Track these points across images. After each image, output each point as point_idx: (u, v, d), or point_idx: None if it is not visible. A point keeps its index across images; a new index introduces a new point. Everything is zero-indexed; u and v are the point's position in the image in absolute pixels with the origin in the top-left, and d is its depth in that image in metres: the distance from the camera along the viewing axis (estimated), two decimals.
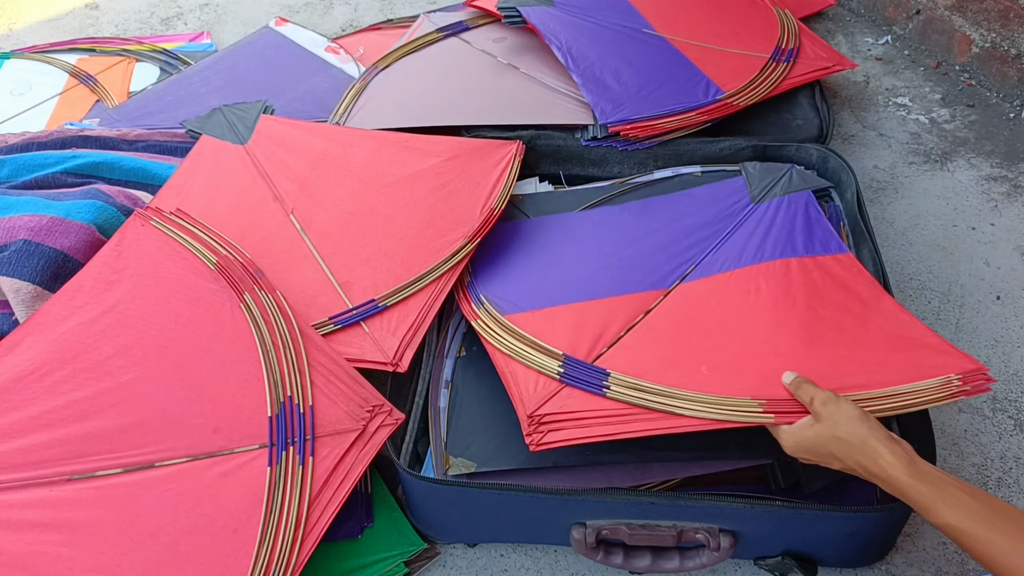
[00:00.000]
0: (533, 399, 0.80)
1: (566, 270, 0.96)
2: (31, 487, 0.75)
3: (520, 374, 0.82)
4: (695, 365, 0.81)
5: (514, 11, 1.27)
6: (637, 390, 0.78)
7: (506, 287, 0.94)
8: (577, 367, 0.81)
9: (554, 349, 0.84)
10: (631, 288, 0.91)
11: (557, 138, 1.14)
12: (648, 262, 0.95)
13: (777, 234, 0.95)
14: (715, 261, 0.94)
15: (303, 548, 0.72)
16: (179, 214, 0.97)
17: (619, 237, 1.00)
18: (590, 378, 0.80)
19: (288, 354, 0.83)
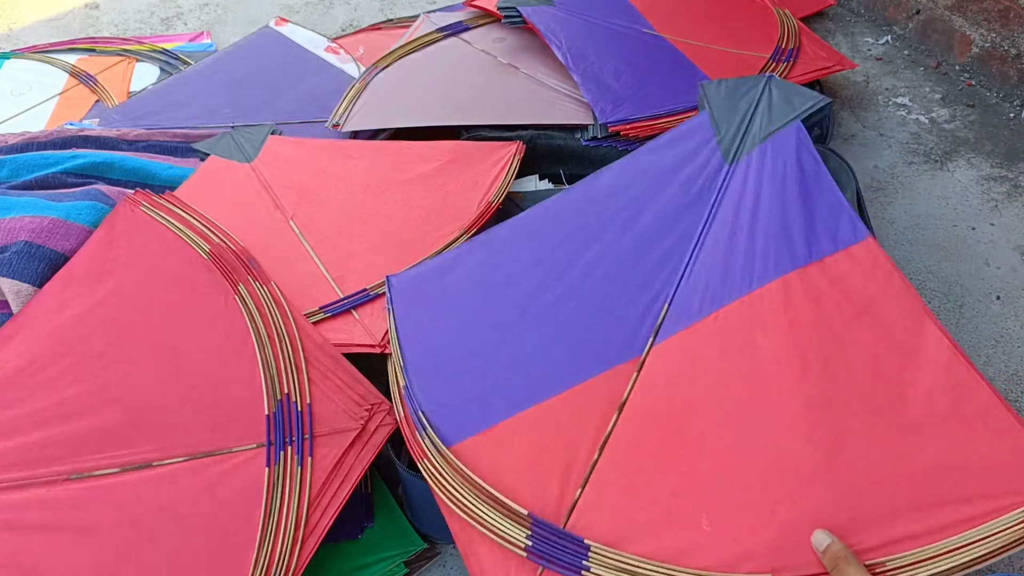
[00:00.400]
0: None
1: (511, 345, 0.75)
2: (29, 487, 0.75)
3: (484, 555, 0.66)
4: (694, 516, 0.62)
5: (514, 11, 1.28)
6: (623, 572, 0.61)
7: (441, 394, 0.75)
8: (548, 537, 0.64)
9: (518, 509, 0.66)
10: (594, 367, 0.71)
11: (557, 138, 1.14)
12: (608, 307, 0.74)
13: (766, 226, 0.73)
14: (692, 291, 0.72)
15: (303, 550, 0.71)
16: (169, 198, 0.95)
17: (565, 265, 0.78)
18: (566, 554, 0.63)
19: (284, 348, 0.82)
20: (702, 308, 0.70)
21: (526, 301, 0.77)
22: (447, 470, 0.71)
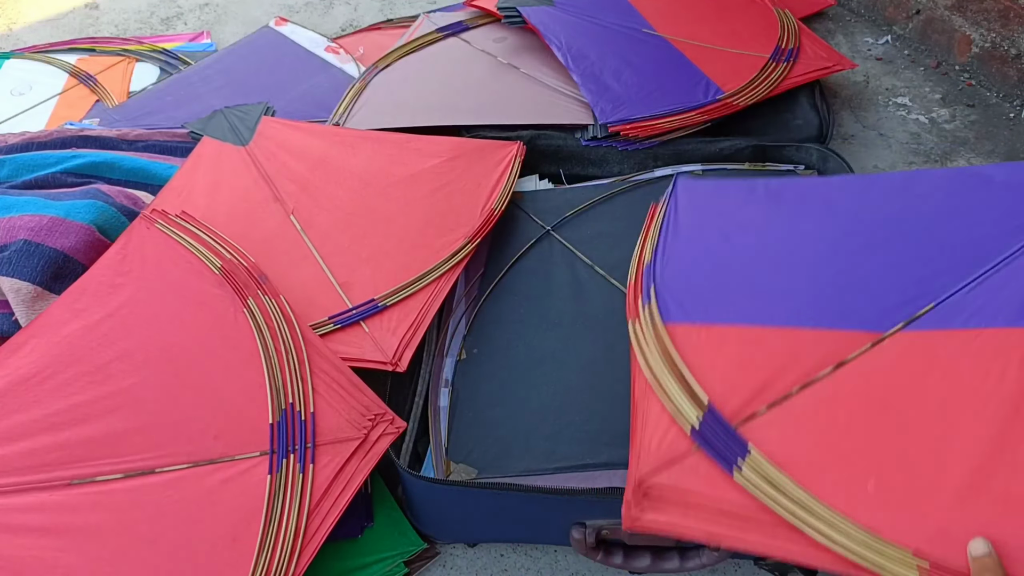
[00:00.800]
0: (652, 458, 0.66)
1: (764, 269, 0.76)
2: (31, 491, 0.75)
3: (651, 417, 0.68)
4: (862, 475, 0.61)
5: (514, 11, 1.28)
6: (772, 485, 0.61)
7: (684, 280, 0.77)
8: (716, 429, 0.65)
9: (700, 393, 0.68)
10: (835, 321, 0.70)
11: (557, 138, 1.14)
12: (875, 281, 0.72)
13: None
14: (965, 304, 0.67)
15: (302, 557, 0.71)
16: (184, 217, 0.97)
17: (851, 232, 0.76)
18: (725, 447, 0.64)
19: (290, 360, 0.83)
20: (968, 321, 0.66)
21: (798, 242, 0.77)
22: (651, 337, 0.73)
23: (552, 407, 0.87)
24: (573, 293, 0.98)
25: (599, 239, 1.04)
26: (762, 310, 0.73)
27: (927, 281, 0.70)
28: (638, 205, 1.08)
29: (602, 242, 1.03)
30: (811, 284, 0.73)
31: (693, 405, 0.67)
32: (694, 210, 0.85)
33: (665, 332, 0.73)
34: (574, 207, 1.08)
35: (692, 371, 0.69)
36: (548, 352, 0.92)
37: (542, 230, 1.05)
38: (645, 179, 1.11)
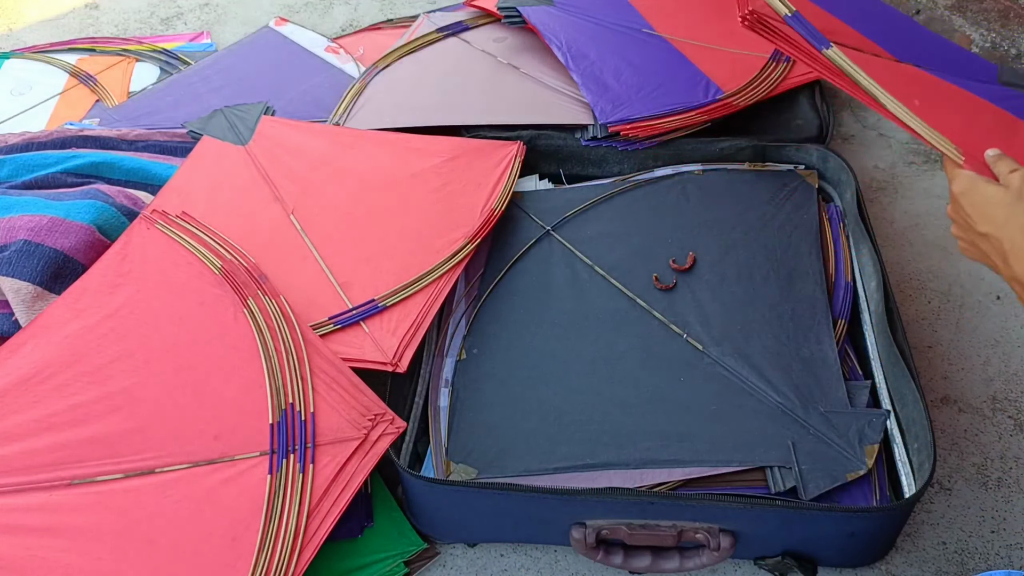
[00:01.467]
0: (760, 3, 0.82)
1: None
2: (31, 491, 0.75)
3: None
4: (910, 96, 0.78)
5: (514, 11, 1.28)
6: (851, 67, 0.78)
7: None
8: (803, 24, 0.81)
9: (788, 4, 0.82)
10: (874, 35, 0.90)
11: (557, 138, 1.14)
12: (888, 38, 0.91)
13: (1000, 96, 0.89)
14: (944, 75, 0.88)
15: (302, 557, 0.72)
16: (185, 217, 0.97)
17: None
18: (815, 35, 0.80)
19: (291, 360, 0.83)
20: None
21: None
22: None
23: (552, 407, 0.87)
24: (573, 293, 0.98)
25: (599, 239, 1.04)
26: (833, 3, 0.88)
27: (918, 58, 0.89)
28: (638, 205, 1.08)
29: (602, 242, 1.03)
30: (861, 10, 0.92)
31: (783, 5, 0.81)
32: None
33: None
34: (574, 207, 1.08)
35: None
36: (548, 352, 0.92)
37: (542, 230, 1.05)
38: (645, 179, 1.11)
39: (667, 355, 0.91)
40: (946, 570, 0.82)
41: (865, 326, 0.93)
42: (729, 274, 0.98)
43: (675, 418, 0.85)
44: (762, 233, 1.02)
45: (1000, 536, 0.84)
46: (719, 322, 0.93)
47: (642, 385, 0.88)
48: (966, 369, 0.99)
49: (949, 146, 0.72)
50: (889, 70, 0.85)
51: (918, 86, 0.84)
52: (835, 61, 0.79)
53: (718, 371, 0.89)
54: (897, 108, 0.76)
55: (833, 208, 1.06)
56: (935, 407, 0.95)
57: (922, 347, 1.01)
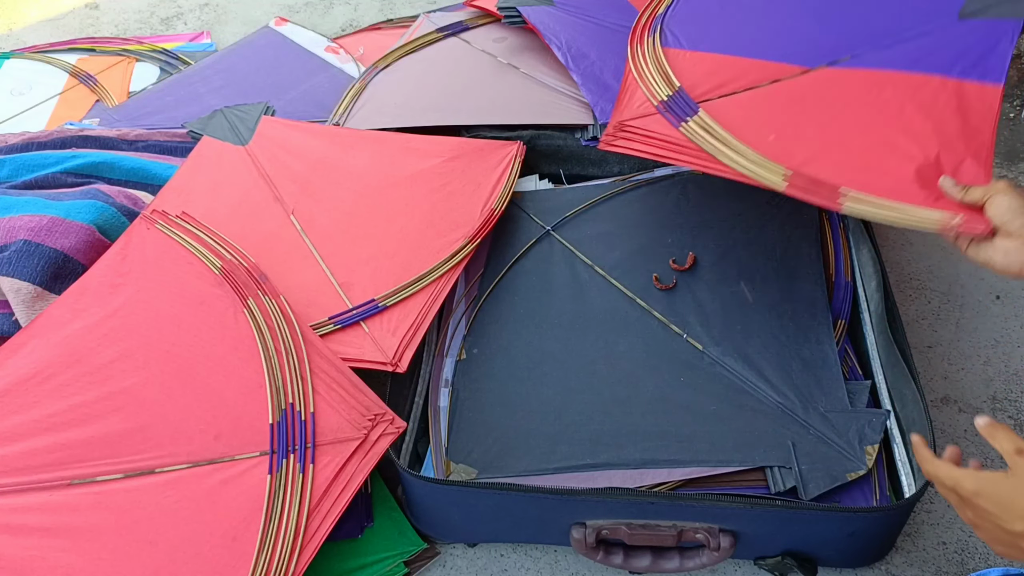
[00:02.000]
0: (629, 110, 0.92)
1: (742, 18, 1.01)
2: (31, 491, 0.75)
3: (636, 94, 0.93)
4: (768, 131, 0.85)
5: (514, 11, 1.27)
6: (708, 132, 0.85)
7: (681, 20, 1.02)
8: (679, 100, 0.89)
9: (674, 79, 0.92)
10: (780, 55, 0.93)
11: (557, 138, 1.14)
12: (814, 31, 0.95)
13: (952, 52, 0.87)
14: (875, 57, 0.90)
15: (302, 557, 0.72)
16: (184, 217, 0.97)
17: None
18: (681, 110, 0.88)
19: (291, 360, 0.83)
20: (874, 64, 0.89)
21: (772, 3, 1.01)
22: (650, 53, 0.97)
23: (552, 407, 0.87)
24: (573, 293, 0.98)
25: (599, 239, 1.04)
26: (734, 44, 0.96)
27: (850, 39, 0.92)
28: (638, 205, 1.08)
29: (602, 242, 1.03)
30: (770, 27, 0.97)
31: (666, 86, 0.91)
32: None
33: (661, 51, 0.97)
34: (574, 207, 1.08)
35: (673, 70, 0.93)
36: (548, 352, 0.92)
37: (542, 230, 1.05)
38: (645, 179, 1.11)
39: (667, 355, 0.91)
40: (946, 570, 0.82)
41: (865, 326, 0.93)
42: (729, 274, 0.98)
43: (675, 418, 0.85)
44: (762, 233, 1.02)
45: None
46: (719, 322, 0.93)
47: (642, 385, 0.88)
48: (966, 369, 0.99)
49: (776, 180, 0.78)
50: (772, 104, 0.89)
51: (814, 104, 0.87)
52: (694, 136, 0.85)
53: (718, 371, 0.89)
54: (732, 158, 0.82)
55: None
56: (935, 407, 0.95)
57: (922, 347, 1.01)
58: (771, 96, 0.90)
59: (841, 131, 0.84)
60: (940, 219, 0.72)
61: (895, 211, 0.75)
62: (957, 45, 0.87)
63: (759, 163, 0.81)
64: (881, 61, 0.89)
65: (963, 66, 0.85)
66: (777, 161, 0.81)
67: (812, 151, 0.82)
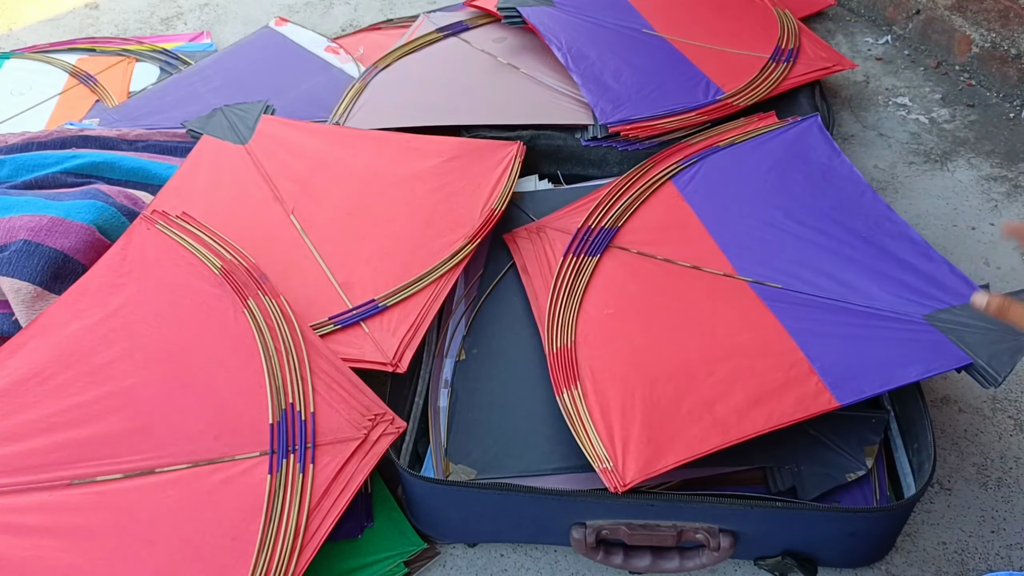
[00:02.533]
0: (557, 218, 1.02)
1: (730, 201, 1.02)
2: (31, 491, 0.75)
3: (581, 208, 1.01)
4: (608, 305, 0.90)
5: (514, 11, 1.28)
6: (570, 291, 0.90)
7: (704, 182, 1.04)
8: (600, 234, 0.95)
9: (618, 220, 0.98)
10: (728, 248, 0.94)
11: (557, 138, 1.14)
12: (773, 249, 0.95)
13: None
14: (804, 286, 0.90)
15: (302, 556, 0.71)
16: (184, 217, 0.97)
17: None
18: (592, 244, 0.94)
19: (291, 360, 0.83)
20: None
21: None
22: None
23: (551, 408, 0.87)
24: None
25: None
26: (709, 214, 0.98)
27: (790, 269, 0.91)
28: None
29: None
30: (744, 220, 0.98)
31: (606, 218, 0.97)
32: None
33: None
34: None
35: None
36: None
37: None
38: None
39: None
40: (946, 570, 0.82)
41: None
42: None
43: None
44: None
45: (1000, 536, 0.84)
46: None
47: None
48: None
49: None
50: (656, 286, 0.90)
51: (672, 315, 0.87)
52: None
53: None
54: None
55: None
56: (935, 407, 0.95)
57: None
58: (668, 278, 0.90)
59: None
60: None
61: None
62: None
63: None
64: (807, 290, 0.88)
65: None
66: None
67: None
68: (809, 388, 0.78)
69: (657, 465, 0.74)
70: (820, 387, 0.77)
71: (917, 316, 0.83)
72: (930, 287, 0.86)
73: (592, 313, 0.88)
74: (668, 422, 0.77)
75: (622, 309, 0.88)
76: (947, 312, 0.83)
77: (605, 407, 0.79)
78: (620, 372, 0.82)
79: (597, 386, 0.81)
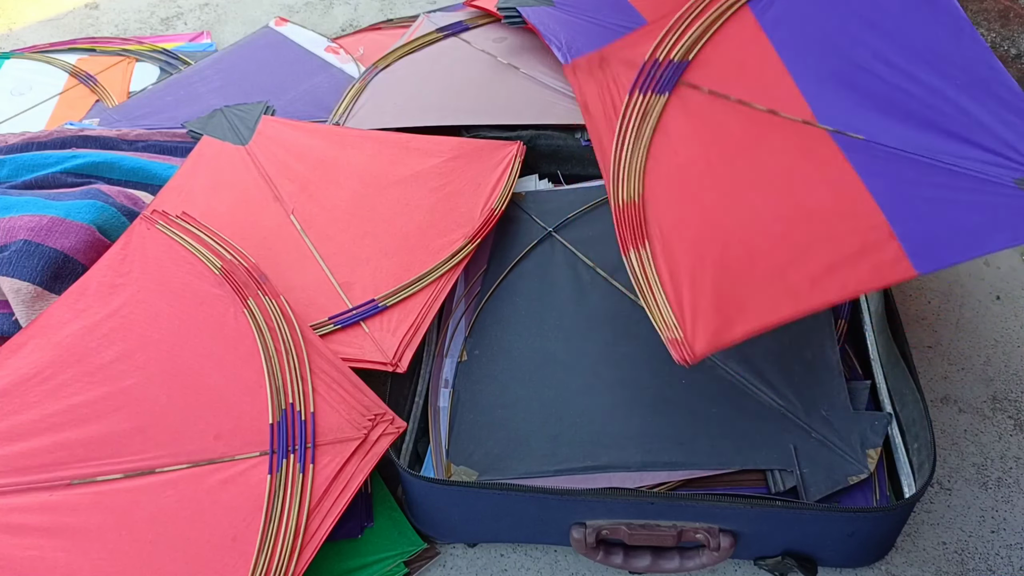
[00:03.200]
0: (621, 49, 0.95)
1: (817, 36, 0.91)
2: (31, 491, 0.75)
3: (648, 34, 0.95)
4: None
5: (514, 11, 1.27)
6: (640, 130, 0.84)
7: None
8: (667, 70, 0.89)
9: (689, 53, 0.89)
10: (808, 90, 0.86)
11: (557, 138, 1.14)
12: (848, 100, 0.86)
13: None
14: (887, 138, 0.82)
15: (302, 557, 0.72)
16: (184, 217, 0.97)
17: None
18: (658, 82, 0.86)
19: (291, 360, 0.83)
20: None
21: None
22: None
23: (553, 409, 0.87)
24: (575, 295, 0.98)
25: (601, 240, 1.03)
26: (792, 55, 0.88)
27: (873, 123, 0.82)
28: None
29: (604, 243, 1.03)
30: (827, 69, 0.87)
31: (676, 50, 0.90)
32: None
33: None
34: (576, 208, 1.08)
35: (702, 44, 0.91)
36: (549, 354, 0.92)
37: (544, 231, 1.05)
38: None
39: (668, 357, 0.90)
40: (946, 570, 0.82)
41: (865, 326, 0.93)
42: None
43: (676, 420, 0.85)
44: None
45: (1000, 536, 0.84)
46: None
47: (643, 387, 0.88)
48: (966, 369, 0.99)
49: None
50: (730, 133, 0.82)
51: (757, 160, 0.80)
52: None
53: (719, 373, 0.89)
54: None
55: None
56: (935, 407, 0.95)
57: (922, 347, 1.02)
58: (742, 123, 0.81)
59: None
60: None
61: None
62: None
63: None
64: (891, 144, 0.80)
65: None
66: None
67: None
68: (888, 255, 0.72)
69: (727, 337, 0.70)
70: (899, 254, 0.71)
71: (1008, 180, 0.76)
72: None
73: (661, 161, 0.82)
74: (739, 289, 0.72)
75: (692, 159, 0.81)
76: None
77: (675, 270, 0.74)
78: (691, 233, 0.77)
79: (666, 247, 0.76)
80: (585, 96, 0.92)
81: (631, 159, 0.83)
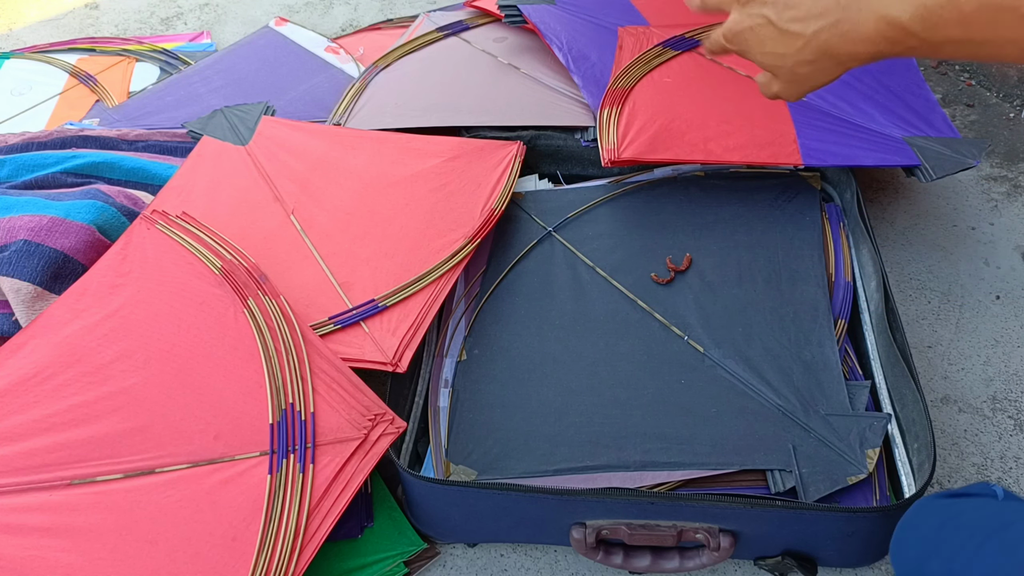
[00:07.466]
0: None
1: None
2: (31, 491, 0.75)
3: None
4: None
5: (515, 10, 1.27)
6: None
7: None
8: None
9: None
10: None
11: (557, 138, 1.14)
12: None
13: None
14: None
15: (302, 557, 0.71)
16: (185, 218, 0.97)
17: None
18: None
19: (291, 360, 0.83)
20: None
21: None
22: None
23: (552, 409, 0.87)
24: (574, 295, 0.98)
25: (601, 240, 1.04)
26: None
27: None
28: (640, 206, 1.08)
29: (604, 243, 1.03)
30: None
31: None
32: None
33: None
34: (576, 208, 1.08)
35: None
36: (548, 354, 0.92)
37: (544, 231, 1.05)
38: (646, 180, 1.11)
39: (668, 357, 0.91)
40: None
41: (865, 326, 0.93)
42: (731, 276, 0.98)
43: (676, 420, 0.85)
44: (764, 235, 1.02)
45: None
46: (720, 324, 0.93)
47: (643, 387, 0.88)
48: (966, 369, 0.99)
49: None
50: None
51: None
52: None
53: (719, 373, 0.89)
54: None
55: (833, 208, 1.06)
56: (935, 407, 0.95)
57: (922, 347, 1.02)
58: (725, 76, 1.09)
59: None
60: None
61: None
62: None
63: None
64: (823, 104, 1.08)
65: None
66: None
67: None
68: (785, 148, 1.01)
69: (647, 156, 1.01)
70: (793, 149, 1.01)
71: (898, 135, 1.05)
72: (921, 124, 1.08)
73: (654, 77, 1.11)
74: (669, 140, 1.02)
75: (678, 83, 1.10)
76: (924, 139, 1.05)
77: (631, 120, 1.04)
78: (653, 108, 1.05)
79: (633, 109, 1.05)
80: (623, 40, 1.19)
81: (636, 70, 1.12)
